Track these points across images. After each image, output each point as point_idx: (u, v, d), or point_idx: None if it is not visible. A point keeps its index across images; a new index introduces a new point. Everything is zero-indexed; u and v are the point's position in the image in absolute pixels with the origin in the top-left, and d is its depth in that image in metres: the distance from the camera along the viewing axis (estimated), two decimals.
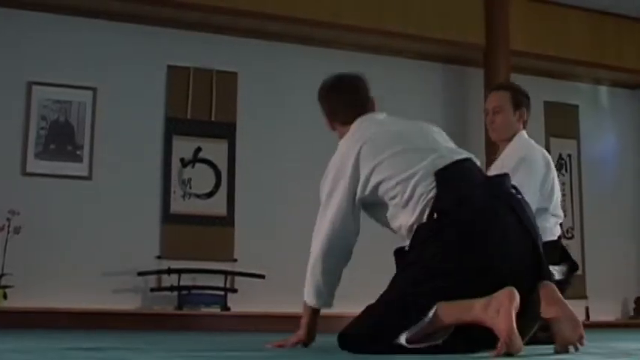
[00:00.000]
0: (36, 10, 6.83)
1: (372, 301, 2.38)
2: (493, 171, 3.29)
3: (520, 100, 3.62)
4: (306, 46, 7.63)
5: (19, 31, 6.81)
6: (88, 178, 6.88)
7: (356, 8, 7.42)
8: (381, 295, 2.36)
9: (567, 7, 8.26)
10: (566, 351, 2.22)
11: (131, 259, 6.73)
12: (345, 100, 2.83)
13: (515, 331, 2.04)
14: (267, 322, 6.46)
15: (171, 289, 6.69)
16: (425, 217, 2.38)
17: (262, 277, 6.85)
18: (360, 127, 2.69)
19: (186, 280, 6.75)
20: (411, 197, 2.42)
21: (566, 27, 8.29)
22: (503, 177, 2.51)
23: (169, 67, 7.23)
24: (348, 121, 2.76)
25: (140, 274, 6.71)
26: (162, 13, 7.07)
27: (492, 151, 7.38)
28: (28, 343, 3.12)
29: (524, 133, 3.62)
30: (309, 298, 2.67)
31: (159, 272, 6.74)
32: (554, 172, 3.55)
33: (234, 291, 6.85)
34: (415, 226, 2.40)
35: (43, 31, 6.87)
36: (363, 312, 2.37)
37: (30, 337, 3.77)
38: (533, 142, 3.62)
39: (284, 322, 6.52)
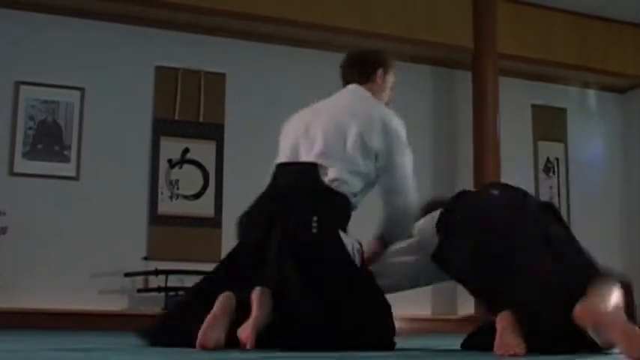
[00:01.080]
0: (24, 10, 6.80)
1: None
2: None
3: None
4: (294, 48, 7.62)
5: (6, 31, 6.78)
6: (76, 178, 6.85)
7: (345, 11, 7.42)
8: None
9: (554, 10, 8.30)
10: None
11: (118, 260, 6.71)
12: None
13: None
14: None
15: (158, 290, 6.66)
16: None
17: None
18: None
19: (174, 281, 6.73)
20: None
21: (554, 30, 8.32)
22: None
23: (157, 67, 7.21)
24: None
25: (127, 275, 6.69)
26: (151, 13, 7.05)
27: (481, 148, 7.43)
28: (13, 344, 3.11)
29: None
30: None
31: (146, 273, 6.73)
32: None
33: None
34: None
35: (31, 31, 6.84)
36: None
37: (16, 338, 3.76)
38: None
39: None
